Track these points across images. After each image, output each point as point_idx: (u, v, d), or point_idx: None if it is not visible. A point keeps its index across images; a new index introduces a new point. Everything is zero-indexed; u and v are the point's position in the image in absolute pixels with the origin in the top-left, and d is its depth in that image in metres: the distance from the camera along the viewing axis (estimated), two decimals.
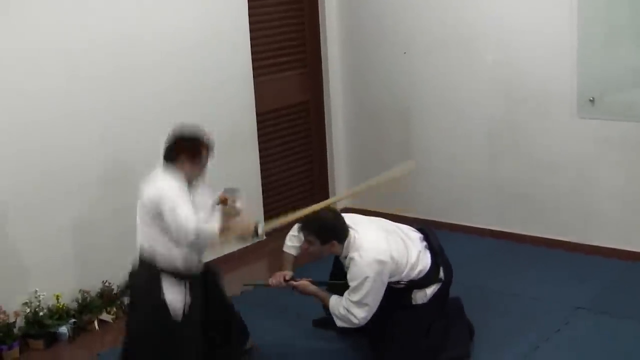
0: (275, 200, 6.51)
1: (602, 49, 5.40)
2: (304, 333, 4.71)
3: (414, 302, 4.28)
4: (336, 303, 4.21)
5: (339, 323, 4.23)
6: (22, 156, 4.69)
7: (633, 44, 5.30)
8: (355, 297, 4.13)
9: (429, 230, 4.51)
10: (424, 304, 4.29)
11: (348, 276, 4.18)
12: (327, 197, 6.81)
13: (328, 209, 4.43)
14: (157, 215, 3.77)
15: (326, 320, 4.61)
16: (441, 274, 4.34)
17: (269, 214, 6.35)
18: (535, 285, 5.18)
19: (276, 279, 4.44)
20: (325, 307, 4.32)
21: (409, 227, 4.48)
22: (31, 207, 4.76)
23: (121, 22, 5.09)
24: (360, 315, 4.13)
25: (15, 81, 4.64)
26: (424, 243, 4.40)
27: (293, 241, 4.53)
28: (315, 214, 4.29)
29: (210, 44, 5.65)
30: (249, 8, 5.90)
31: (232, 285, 5.51)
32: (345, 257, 4.24)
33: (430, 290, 4.29)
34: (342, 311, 4.17)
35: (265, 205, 6.27)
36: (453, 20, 6.01)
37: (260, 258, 6.10)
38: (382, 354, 4.31)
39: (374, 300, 4.14)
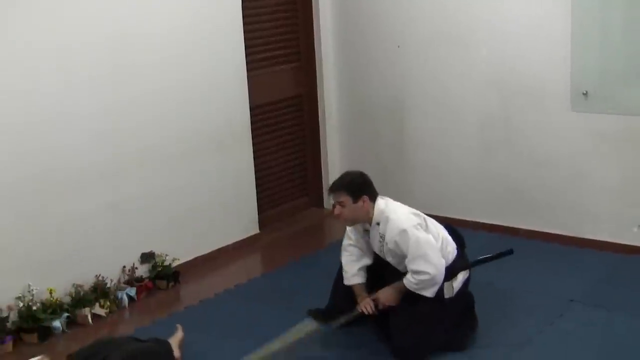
0: (269, 194, 6.51)
1: (596, 43, 5.40)
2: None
3: (445, 295, 4.27)
4: (407, 279, 4.20)
5: (427, 293, 4.19)
6: (16, 152, 4.67)
7: (626, 38, 5.31)
8: (409, 256, 4.15)
9: (453, 226, 4.58)
10: (451, 299, 4.29)
11: (387, 238, 4.21)
12: (320, 191, 6.83)
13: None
14: None
15: (321, 312, 4.61)
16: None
17: (262, 208, 6.36)
18: (529, 278, 5.19)
19: (366, 306, 4.37)
20: (408, 293, 4.26)
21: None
22: (25, 202, 4.74)
23: (114, 19, 5.06)
24: (425, 267, 4.12)
25: (10, 79, 4.60)
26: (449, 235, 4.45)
27: (350, 270, 4.49)
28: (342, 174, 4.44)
29: (203, 38, 5.64)
30: (243, 2, 5.88)
31: (227, 279, 5.53)
32: (378, 224, 4.26)
33: (457, 283, 4.32)
34: (413, 279, 4.17)
35: (259, 199, 6.27)
36: (447, 14, 6.01)
37: (255, 252, 6.11)
38: (400, 341, 4.28)
39: (429, 248, 4.14)
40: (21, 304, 4.68)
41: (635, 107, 5.33)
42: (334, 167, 6.81)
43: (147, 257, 5.39)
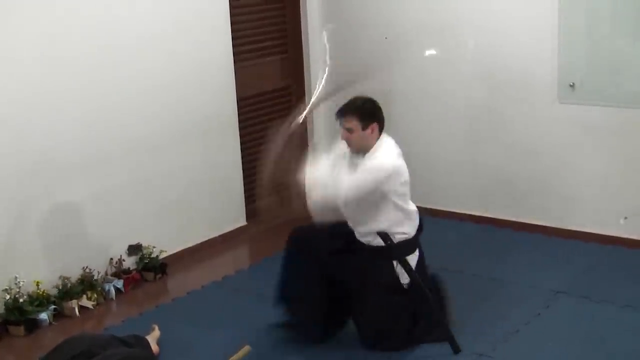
0: (257, 186, 6.49)
1: (583, 34, 5.42)
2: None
3: (400, 279, 4.22)
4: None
5: (319, 194, 4.13)
6: (0, 144, 4.64)
7: (613, 29, 5.33)
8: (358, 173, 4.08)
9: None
10: (411, 285, 4.25)
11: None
12: None
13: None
14: None
15: (289, 323, 4.48)
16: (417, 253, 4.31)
17: (250, 200, 6.35)
18: (515, 269, 5.21)
19: None
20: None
21: None
22: (9, 192, 4.71)
23: (101, 6, 5.04)
24: (347, 189, 4.08)
25: None
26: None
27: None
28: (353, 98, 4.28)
29: (190, 29, 5.62)
30: None
31: (214, 270, 5.53)
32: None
33: (406, 268, 4.25)
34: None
35: (246, 191, 6.26)
36: (434, 6, 6.01)
37: (242, 243, 6.11)
38: (364, 333, 4.29)
39: (377, 173, 4.10)
40: (8, 296, 4.66)
41: (622, 98, 5.35)
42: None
43: (134, 249, 5.38)
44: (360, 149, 4.23)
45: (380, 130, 4.25)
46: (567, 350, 4.20)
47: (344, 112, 4.21)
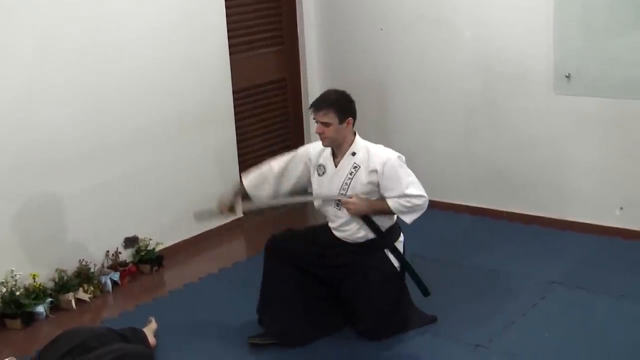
0: None
1: (579, 25, 5.42)
2: None
3: (394, 263, 4.28)
4: (396, 202, 4.13)
5: (409, 218, 4.18)
6: None
7: (609, 21, 5.32)
8: (400, 184, 4.12)
9: None
10: (400, 272, 4.32)
11: (364, 167, 4.16)
12: None
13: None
14: None
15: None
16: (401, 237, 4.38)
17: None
18: (511, 260, 5.22)
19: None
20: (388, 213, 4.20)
21: None
22: (5, 185, 4.71)
23: (97, 0, 5.03)
24: (420, 192, 4.15)
25: None
26: None
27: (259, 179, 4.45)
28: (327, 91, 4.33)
29: (186, 22, 5.60)
30: None
31: (211, 263, 5.53)
32: (354, 154, 4.20)
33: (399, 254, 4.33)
34: (406, 202, 4.12)
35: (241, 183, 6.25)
36: None
37: (238, 236, 6.11)
38: (367, 323, 4.29)
39: (416, 178, 4.20)
40: (4, 290, 4.66)
41: (617, 89, 5.35)
42: None
43: (130, 242, 5.38)
44: (333, 143, 4.23)
45: (354, 124, 4.25)
46: (563, 340, 4.21)
47: (319, 106, 4.19)
